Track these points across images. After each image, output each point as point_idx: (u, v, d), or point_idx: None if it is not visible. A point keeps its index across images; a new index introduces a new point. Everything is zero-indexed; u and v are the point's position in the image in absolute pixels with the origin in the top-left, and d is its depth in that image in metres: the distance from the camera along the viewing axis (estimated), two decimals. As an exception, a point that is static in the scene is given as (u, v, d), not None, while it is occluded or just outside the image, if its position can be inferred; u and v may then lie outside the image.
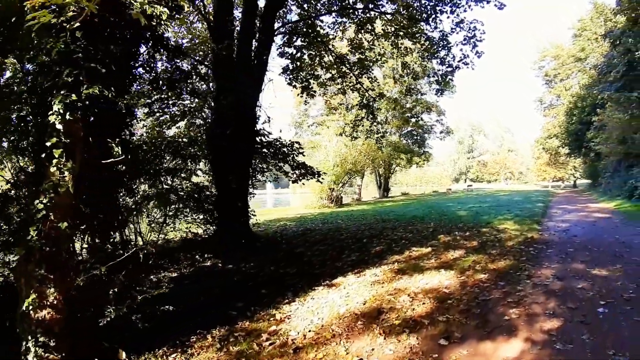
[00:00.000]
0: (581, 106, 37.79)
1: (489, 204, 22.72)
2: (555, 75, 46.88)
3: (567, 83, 45.33)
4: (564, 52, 45.20)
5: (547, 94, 50.05)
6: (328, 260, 8.73)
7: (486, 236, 10.98)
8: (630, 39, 23.85)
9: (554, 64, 47.16)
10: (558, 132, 45.79)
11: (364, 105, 16.78)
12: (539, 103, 52.35)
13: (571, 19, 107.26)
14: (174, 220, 10.23)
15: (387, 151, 38.26)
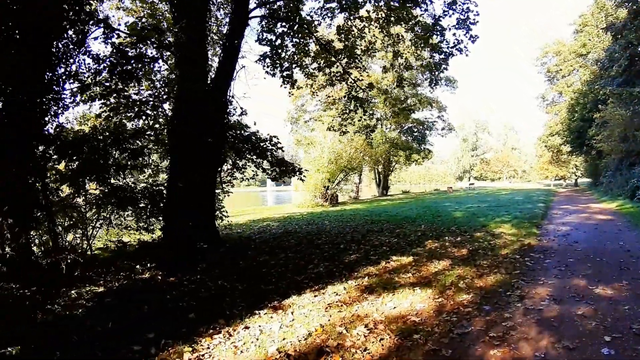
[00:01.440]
0: (583, 102, 36.61)
1: (488, 204, 21.44)
2: (557, 71, 45.64)
3: (568, 79, 44.11)
4: (565, 48, 43.99)
5: (549, 90, 48.88)
6: (289, 272, 7.49)
7: (479, 242, 9.73)
8: (632, 33, 22.67)
9: (555, 60, 45.89)
10: (560, 129, 44.68)
11: (352, 97, 15.48)
12: (541, 100, 51.09)
13: (565, 8, 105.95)
14: (107, 224, 9.13)
15: (384, 147, 36.89)
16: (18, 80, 6.15)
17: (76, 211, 9.02)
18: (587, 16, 38.85)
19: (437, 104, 45.28)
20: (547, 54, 47.22)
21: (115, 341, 4.46)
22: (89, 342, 4.51)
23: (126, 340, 4.48)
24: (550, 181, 64.45)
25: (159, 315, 5.39)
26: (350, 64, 15.09)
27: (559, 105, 46.39)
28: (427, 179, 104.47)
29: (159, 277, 7.37)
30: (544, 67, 48.23)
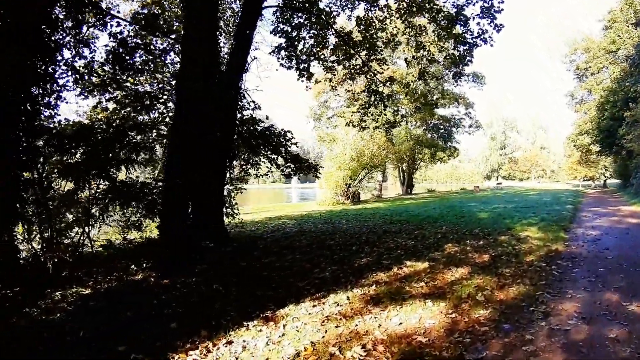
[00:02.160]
0: (613, 100, 34.76)
1: (515, 204, 20.37)
2: (586, 69, 43.67)
3: (598, 77, 42.12)
4: (594, 44, 41.98)
5: (578, 88, 46.86)
6: (292, 276, 6.93)
7: (502, 247, 8.95)
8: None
9: (584, 57, 43.91)
10: (589, 128, 42.70)
11: (372, 90, 14.79)
12: (570, 98, 49.05)
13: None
14: (109, 221, 8.76)
15: (408, 145, 35.89)
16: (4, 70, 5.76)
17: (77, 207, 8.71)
18: (616, 12, 37.02)
19: (463, 100, 43.85)
20: (576, 50, 45.28)
21: (82, 352, 3.99)
22: (56, 350, 4.07)
23: (95, 352, 4.01)
24: (579, 182, 62.14)
25: (140, 323, 4.91)
26: (371, 57, 14.41)
27: (589, 104, 44.45)
28: (454, 178, 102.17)
29: (152, 278, 6.93)
30: (573, 64, 46.31)
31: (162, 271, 7.03)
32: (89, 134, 8.18)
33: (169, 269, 7.09)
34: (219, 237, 10.33)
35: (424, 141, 41.59)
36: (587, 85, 43.86)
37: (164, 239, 7.54)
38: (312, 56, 14.44)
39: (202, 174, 10.19)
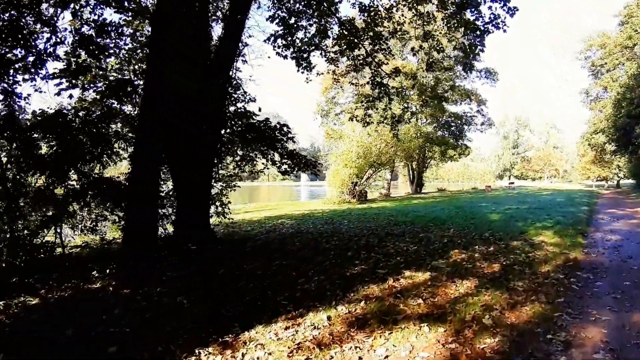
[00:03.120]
0: (630, 97, 33.35)
1: (528, 205, 19.26)
2: (602, 65, 42.15)
3: (614, 74, 40.54)
4: (610, 40, 40.43)
5: (593, 85, 45.31)
6: (272, 288, 6.04)
7: (515, 254, 7.98)
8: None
9: (600, 54, 42.38)
10: (605, 126, 41.17)
11: (376, 83, 13.83)
12: (584, 95, 47.50)
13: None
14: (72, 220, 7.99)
15: (417, 142, 34.75)
16: None
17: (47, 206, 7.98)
18: (632, 7, 35.58)
19: (475, 96, 42.50)
20: (591, 47, 43.74)
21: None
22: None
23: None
24: (592, 182, 60.58)
25: (76, 346, 4.08)
26: (375, 47, 13.44)
27: (604, 101, 42.95)
28: (465, 177, 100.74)
29: (111, 287, 6.11)
30: (588, 61, 44.81)
31: (124, 279, 6.20)
32: (54, 125, 7.40)
33: (132, 277, 6.26)
34: (204, 238, 9.51)
35: (434, 139, 40.42)
36: (602, 82, 42.44)
37: (127, 243, 6.71)
38: (313, 46, 13.53)
39: (185, 170, 9.43)
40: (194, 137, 9.45)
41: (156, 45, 7.06)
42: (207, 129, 9.73)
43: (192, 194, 9.58)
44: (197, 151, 9.56)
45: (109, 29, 7.44)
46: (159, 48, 7.04)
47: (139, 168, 6.64)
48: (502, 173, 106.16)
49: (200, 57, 9.89)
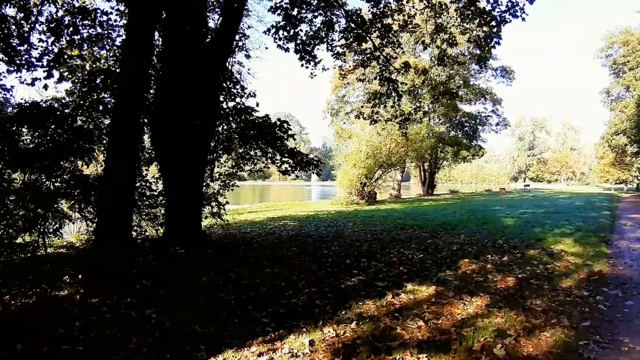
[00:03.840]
0: (655, 97, 32.11)
1: (545, 209, 18.29)
2: (624, 63, 40.72)
3: (637, 72, 39.14)
4: (633, 37, 39.10)
5: (614, 84, 43.82)
6: (255, 302, 5.33)
7: (532, 266, 7.19)
8: None
9: (622, 51, 40.95)
10: (627, 127, 39.75)
11: (385, 78, 13.07)
12: (605, 95, 46.04)
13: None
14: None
15: (429, 142, 33.79)
16: None
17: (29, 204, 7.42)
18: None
19: (490, 96, 41.33)
20: (613, 44, 42.33)
21: None
22: None
23: None
24: (611, 185, 58.99)
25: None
26: (384, 41, 12.66)
27: (626, 101, 41.56)
28: (479, 179, 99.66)
29: (78, 295, 5.47)
30: (609, 59, 43.39)
31: (93, 287, 5.55)
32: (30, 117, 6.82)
33: (102, 284, 5.61)
34: (194, 241, 8.86)
35: (447, 139, 39.40)
36: (624, 81, 41.10)
37: (97, 247, 6.07)
38: (317, 39, 12.82)
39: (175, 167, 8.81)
40: (185, 132, 8.83)
41: (135, 25, 6.37)
42: (200, 124, 9.09)
43: (182, 193, 8.94)
44: (188, 147, 8.93)
45: (92, 16, 6.81)
46: (138, 29, 6.36)
47: (113, 165, 5.98)
48: (517, 175, 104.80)
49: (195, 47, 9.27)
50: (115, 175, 5.78)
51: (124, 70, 6.30)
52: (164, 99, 8.93)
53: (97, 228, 6.26)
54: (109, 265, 5.72)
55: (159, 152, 9.16)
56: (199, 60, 9.14)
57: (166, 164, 9.07)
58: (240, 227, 14.06)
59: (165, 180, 9.27)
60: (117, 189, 5.86)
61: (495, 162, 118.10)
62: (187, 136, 8.90)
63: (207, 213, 11.23)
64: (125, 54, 6.54)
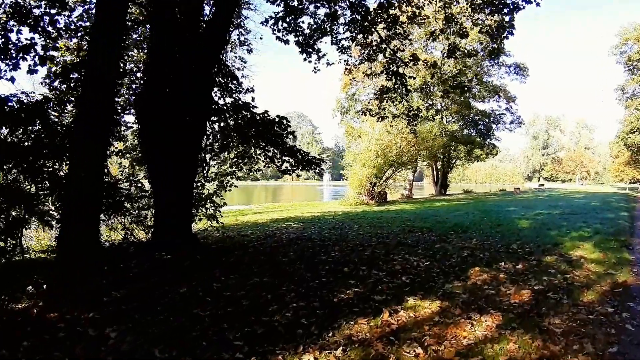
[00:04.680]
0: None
1: (561, 210, 17.36)
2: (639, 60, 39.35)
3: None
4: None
5: (630, 82, 42.40)
6: (231, 318, 4.68)
7: (549, 275, 6.45)
8: None
9: (637, 47, 39.56)
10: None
11: (392, 72, 12.34)
12: (620, 92, 44.55)
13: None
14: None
15: (441, 141, 32.80)
16: None
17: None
18: None
19: (504, 93, 40.22)
20: (627, 40, 40.88)
21: None
22: None
23: None
24: (625, 184, 57.39)
25: None
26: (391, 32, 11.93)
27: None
28: (493, 178, 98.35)
29: (37, 309, 4.88)
30: (623, 56, 41.96)
31: (54, 299, 4.97)
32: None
33: (64, 296, 5.02)
34: (183, 246, 8.27)
35: (459, 137, 38.37)
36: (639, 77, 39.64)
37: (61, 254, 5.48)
38: (320, 31, 12.14)
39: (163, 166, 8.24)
40: (174, 128, 8.26)
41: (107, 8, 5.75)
42: (190, 120, 8.50)
43: (171, 193, 8.36)
44: (177, 145, 8.35)
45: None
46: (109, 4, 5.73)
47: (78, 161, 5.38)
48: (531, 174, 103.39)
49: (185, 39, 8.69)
50: (80, 173, 5.17)
51: (93, 51, 5.71)
52: (152, 93, 8.37)
53: (61, 233, 5.66)
54: (76, 275, 5.12)
55: (146, 149, 8.60)
56: (189, 53, 8.57)
57: (154, 163, 8.50)
58: (240, 229, 13.47)
59: (153, 179, 8.70)
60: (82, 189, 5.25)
61: (510, 161, 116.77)
62: (176, 133, 8.32)
63: (202, 215, 10.65)
64: (96, 34, 5.93)
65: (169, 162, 8.29)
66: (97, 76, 5.46)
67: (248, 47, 14.90)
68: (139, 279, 6.34)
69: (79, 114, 5.84)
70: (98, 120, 5.47)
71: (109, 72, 5.59)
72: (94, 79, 5.49)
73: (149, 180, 9.04)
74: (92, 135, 5.41)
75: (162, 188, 8.41)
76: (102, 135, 5.70)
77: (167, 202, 8.38)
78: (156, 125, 8.29)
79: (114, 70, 5.81)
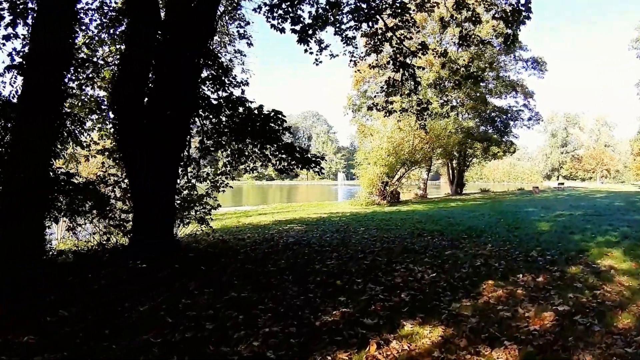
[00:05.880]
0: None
1: (583, 211, 16.07)
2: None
3: None
4: None
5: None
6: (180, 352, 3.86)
7: (575, 291, 5.45)
8: None
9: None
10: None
11: (399, 63, 11.40)
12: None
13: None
14: None
15: (456, 138, 31.50)
16: None
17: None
18: None
19: (521, 88, 38.69)
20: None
21: None
22: None
23: None
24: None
25: None
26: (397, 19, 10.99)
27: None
28: (512, 177, 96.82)
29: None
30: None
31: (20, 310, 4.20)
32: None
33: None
34: (163, 253, 7.49)
35: (475, 134, 37.01)
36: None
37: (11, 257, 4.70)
38: (321, 20, 11.26)
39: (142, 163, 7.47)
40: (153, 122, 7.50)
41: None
42: (172, 115, 7.71)
43: (150, 196, 7.60)
44: (157, 141, 7.58)
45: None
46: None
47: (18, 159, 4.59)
48: (549, 173, 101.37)
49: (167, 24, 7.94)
50: (20, 164, 4.37)
51: (39, 26, 4.94)
52: (128, 84, 7.61)
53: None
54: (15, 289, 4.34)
55: (123, 145, 7.84)
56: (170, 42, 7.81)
57: (132, 161, 7.74)
58: (239, 232, 12.70)
59: (130, 179, 7.94)
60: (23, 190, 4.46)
61: (528, 159, 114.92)
62: (156, 129, 7.56)
63: (191, 218, 9.87)
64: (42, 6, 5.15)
65: (149, 161, 7.54)
66: (42, 55, 4.68)
67: (248, 40, 14.19)
68: (100, 293, 5.58)
69: (21, 96, 5.06)
70: (42, 104, 4.67)
71: (56, 51, 4.80)
72: (39, 57, 4.71)
73: (127, 180, 8.28)
74: (35, 121, 4.61)
75: (141, 189, 7.66)
76: (46, 122, 4.89)
77: (146, 205, 7.63)
78: (133, 120, 7.54)
79: (63, 49, 5.02)
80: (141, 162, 7.54)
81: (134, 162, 7.65)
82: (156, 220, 7.65)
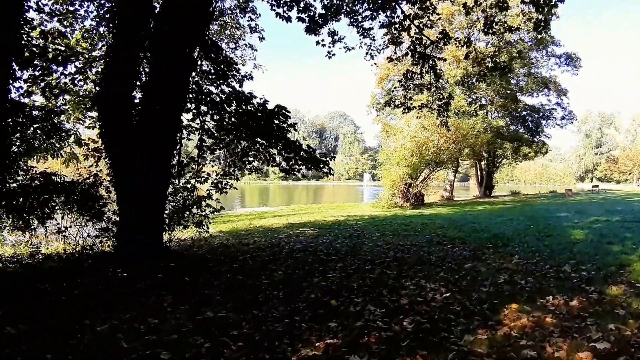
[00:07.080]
0: None
1: (621, 216, 14.66)
2: None
3: None
4: None
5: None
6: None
7: (616, 320, 4.46)
8: None
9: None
10: None
11: (418, 54, 10.47)
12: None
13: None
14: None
15: (485, 137, 29.94)
16: None
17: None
18: None
19: (554, 85, 36.69)
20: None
21: None
22: None
23: None
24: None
25: None
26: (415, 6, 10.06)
27: None
28: (543, 179, 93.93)
29: None
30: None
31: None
32: None
33: None
34: (149, 259, 6.84)
35: (505, 134, 35.30)
36: None
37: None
38: (334, 9, 10.45)
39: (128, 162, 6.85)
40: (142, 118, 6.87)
41: None
42: (161, 110, 7.04)
43: (137, 197, 6.96)
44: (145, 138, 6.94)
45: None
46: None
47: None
48: (583, 175, 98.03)
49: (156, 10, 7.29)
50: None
51: None
52: (114, 77, 6.99)
53: None
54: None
55: (107, 142, 7.23)
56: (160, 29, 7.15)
57: (117, 159, 7.13)
58: (246, 236, 12.01)
59: (117, 179, 7.32)
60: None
61: (561, 160, 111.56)
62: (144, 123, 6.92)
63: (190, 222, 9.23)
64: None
65: (135, 160, 6.90)
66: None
67: (260, 34, 13.65)
68: (65, 306, 4.95)
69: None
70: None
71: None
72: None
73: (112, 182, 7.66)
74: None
75: (127, 190, 7.03)
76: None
77: (132, 208, 6.99)
78: (118, 114, 6.92)
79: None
80: (126, 161, 6.94)
81: (118, 161, 7.03)
82: (143, 224, 7.00)
